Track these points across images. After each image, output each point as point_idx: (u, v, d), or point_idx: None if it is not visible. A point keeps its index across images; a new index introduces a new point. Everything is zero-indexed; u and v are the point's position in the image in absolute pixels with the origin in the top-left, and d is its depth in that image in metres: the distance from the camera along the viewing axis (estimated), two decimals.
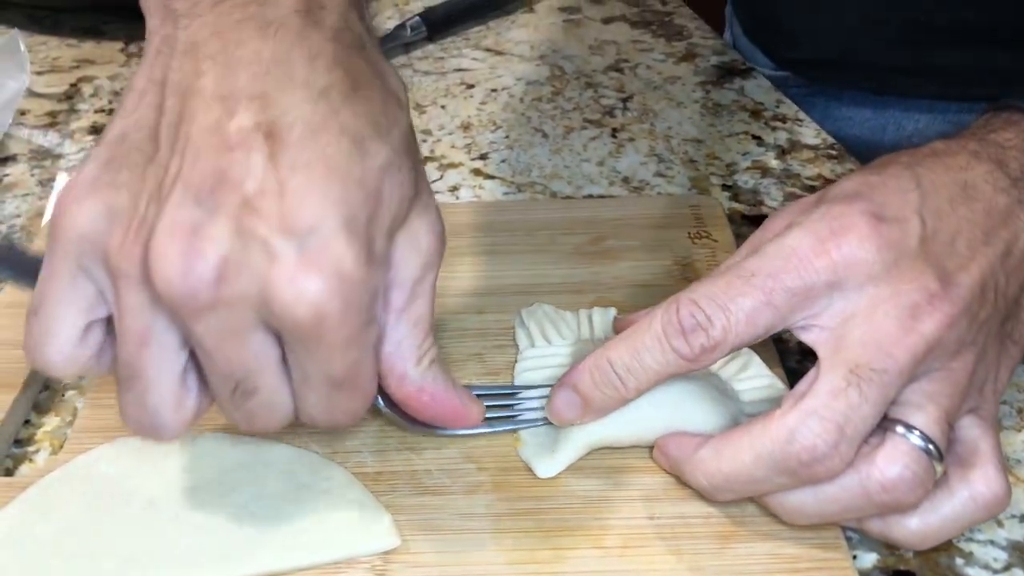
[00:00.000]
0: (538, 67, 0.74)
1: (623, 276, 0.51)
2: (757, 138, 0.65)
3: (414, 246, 0.34)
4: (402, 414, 0.38)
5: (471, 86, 0.72)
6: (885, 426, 0.35)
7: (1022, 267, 0.38)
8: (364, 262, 0.30)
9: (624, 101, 0.70)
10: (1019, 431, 0.44)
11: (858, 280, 0.35)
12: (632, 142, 0.65)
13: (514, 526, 0.38)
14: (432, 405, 0.36)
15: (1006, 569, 0.38)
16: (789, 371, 0.45)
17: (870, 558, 0.38)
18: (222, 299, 0.29)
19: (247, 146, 0.29)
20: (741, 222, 0.57)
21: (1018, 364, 0.39)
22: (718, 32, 0.80)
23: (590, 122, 0.67)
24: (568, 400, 0.39)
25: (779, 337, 0.45)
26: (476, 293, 0.50)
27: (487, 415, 0.40)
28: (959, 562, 0.38)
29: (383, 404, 0.38)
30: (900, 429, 0.35)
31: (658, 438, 0.40)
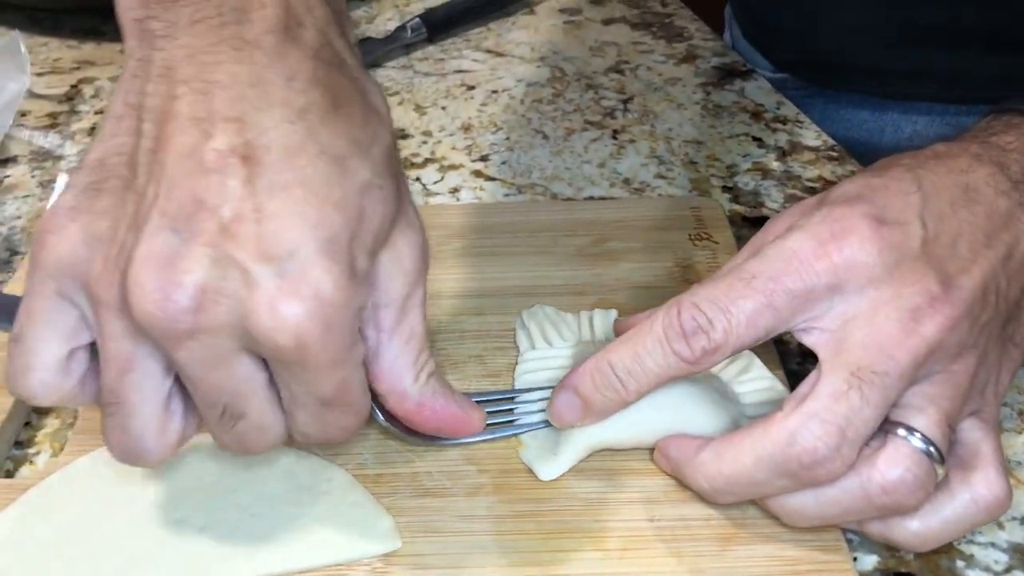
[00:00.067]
0: (539, 68, 0.74)
1: (624, 278, 0.51)
2: (758, 140, 0.65)
3: (398, 264, 0.34)
4: (402, 426, 0.38)
5: (471, 87, 0.72)
6: (886, 428, 0.35)
7: (1023, 270, 0.38)
8: (344, 284, 0.30)
9: (625, 103, 0.70)
10: (1020, 433, 0.44)
11: (859, 283, 0.35)
12: (633, 144, 0.65)
13: (515, 528, 0.38)
14: (433, 418, 0.37)
15: (1007, 571, 0.38)
16: (790, 373, 0.45)
17: (871, 560, 0.38)
18: (201, 328, 0.29)
19: (223, 170, 0.29)
20: (742, 224, 0.57)
21: (1019, 367, 0.39)
22: (718, 34, 0.80)
23: (591, 124, 0.67)
24: (569, 402, 0.39)
25: (780, 339, 0.45)
26: (477, 295, 0.50)
27: (488, 421, 0.40)
28: (960, 564, 0.38)
29: (382, 418, 0.37)
30: (901, 431, 0.35)
31: (659, 440, 0.40)
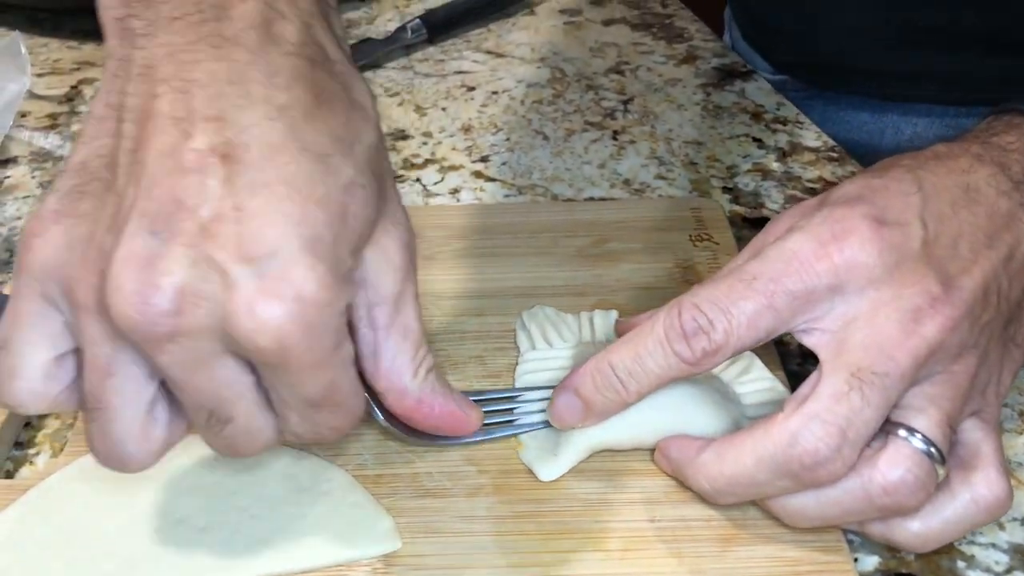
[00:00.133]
0: (539, 69, 0.74)
1: (624, 278, 0.51)
2: (758, 140, 0.65)
3: (386, 261, 0.33)
4: (401, 426, 0.38)
5: (472, 88, 0.72)
6: (887, 429, 0.35)
7: None
8: (328, 284, 0.29)
9: (625, 103, 0.70)
10: (1020, 434, 0.44)
11: (859, 284, 0.35)
12: (633, 144, 0.65)
13: (515, 529, 0.38)
14: (432, 416, 0.36)
15: (1008, 572, 0.38)
16: (790, 374, 0.45)
17: (871, 561, 0.38)
18: (182, 331, 0.29)
19: (203, 170, 0.29)
20: (742, 224, 0.57)
21: (1021, 367, 0.39)
22: (718, 35, 0.80)
23: (591, 124, 0.67)
24: (569, 403, 0.39)
25: (780, 340, 0.45)
26: (477, 295, 0.50)
27: (486, 421, 0.40)
28: (960, 565, 0.38)
29: (382, 418, 0.37)
30: (902, 432, 0.35)
31: (659, 441, 0.40)
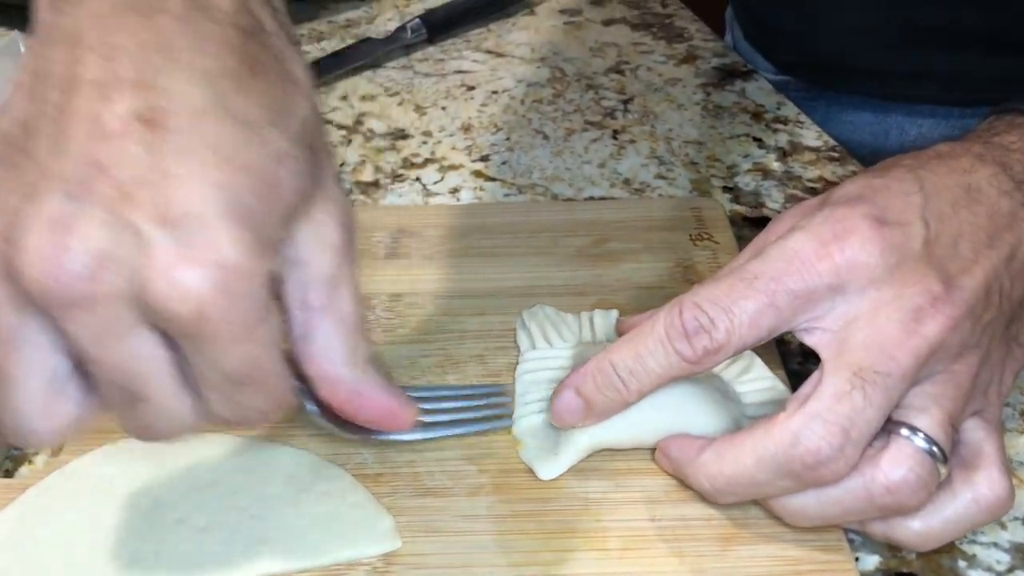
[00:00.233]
0: (539, 69, 0.74)
1: (625, 278, 0.51)
2: (758, 140, 0.65)
3: (321, 239, 0.32)
4: (333, 418, 0.36)
5: (471, 88, 0.72)
6: (889, 429, 0.35)
7: None
8: (252, 251, 0.28)
9: (625, 103, 0.69)
10: (1022, 433, 0.44)
11: (860, 283, 0.35)
12: (633, 144, 0.65)
13: (515, 528, 0.38)
14: (367, 407, 0.34)
15: (1009, 571, 0.38)
16: (791, 373, 0.45)
17: (872, 560, 0.38)
18: (94, 296, 0.27)
19: (125, 134, 0.28)
20: (742, 224, 0.57)
21: (1023, 367, 0.39)
22: (718, 35, 0.80)
23: (591, 124, 0.67)
24: (570, 403, 0.39)
25: (781, 339, 0.45)
26: (477, 295, 0.50)
27: (432, 419, 0.40)
28: (962, 564, 0.38)
29: (314, 409, 0.35)
30: (904, 431, 0.35)
31: (660, 441, 0.40)
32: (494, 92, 0.71)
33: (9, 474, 0.42)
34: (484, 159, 0.63)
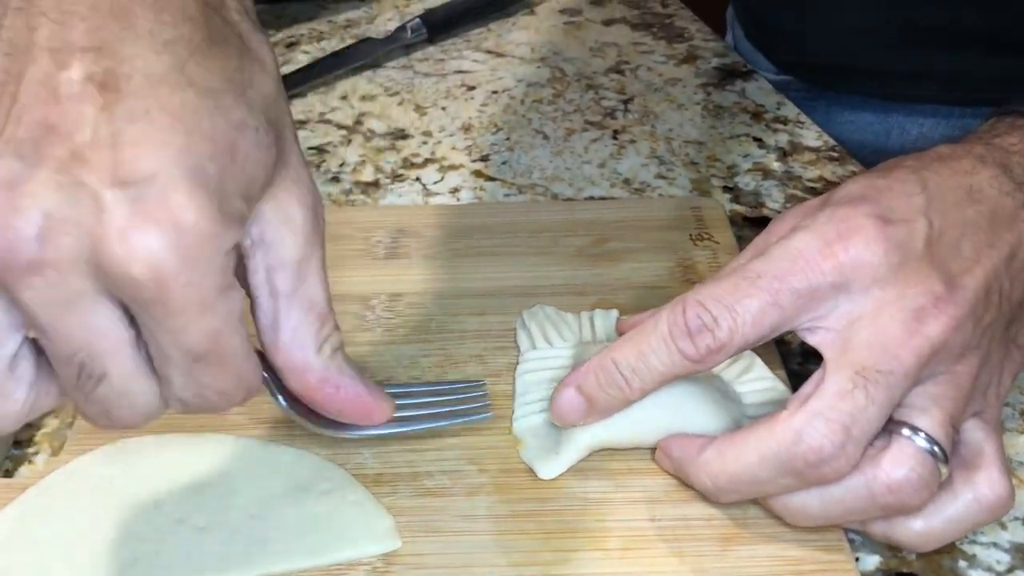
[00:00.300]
0: (539, 69, 0.74)
1: (625, 278, 0.51)
2: (758, 140, 0.65)
3: (287, 222, 0.31)
4: (304, 410, 0.34)
5: (472, 88, 0.72)
6: (890, 428, 0.35)
7: None
8: (211, 215, 0.27)
9: (625, 103, 0.69)
10: (1022, 433, 0.44)
11: (864, 283, 0.35)
12: (633, 144, 0.64)
13: (515, 528, 0.38)
14: (338, 397, 0.33)
15: (1009, 571, 0.38)
16: (791, 373, 0.45)
17: (873, 560, 0.38)
18: (47, 260, 0.26)
19: (79, 97, 0.27)
20: (742, 224, 0.57)
21: (1021, 369, 0.39)
22: (719, 35, 0.80)
23: (591, 124, 0.67)
24: (572, 400, 0.39)
25: (781, 339, 0.45)
26: (477, 294, 0.50)
27: (405, 413, 0.38)
28: (962, 564, 0.38)
29: (283, 402, 0.34)
30: (906, 431, 0.35)
31: (660, 440, 0.40)
32: (494, 92, 0.71)
33: (9, 474, 0.42)
34: (484, 159, 0.63)
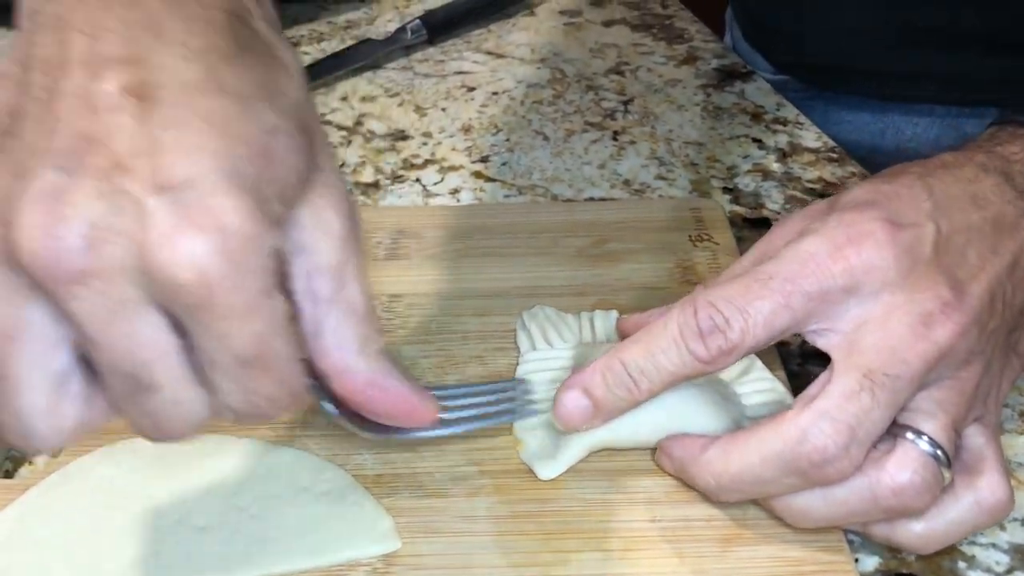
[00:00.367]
0: (539, 70, 0.74)
1: (625, 279, 0.51)
2: (758, 141, 0.65)
3: (323, 227, 0.31)
4: (352, 415, 0.34)
5: (472, 89, 0.72)
6: (894, 432, 0.35)
7: None
8: (252, 216, 0.27)
9: (625, 104, 0.70)
10: (1021, 434, 0.44)
11: (874, 286, 0.36)
12: (633, 145, 0.65)
13: (515, 529, 0.38)
14: (383, 399, 0.33)
15: (1008, 572, 0.38)
16: (791, 374, 0.45)
17: (872, 561, 0.38)
18: (94, 269, 0.26)
19: (116, 108, 0.27)
20: (742, 225, 0.57)
21: (1020, 375, 0.40)
22: (718, 35, 0.80)
23: (591, 125, 0.67)
24: (577, 402, 0.39)
25: (781, 340, 0.45)
26: (478, 295, 0.50)
27: (449, 415, 0.38)
28: (961, 565, 0.38)
29: (331, 408, 0.34)
30: (910, 435, 0.35)
31: (661, 440, 0.40)
32: (494, 93, 0.71)
33: (9, 475, 0.42)
34: (484, 160, 0.63)
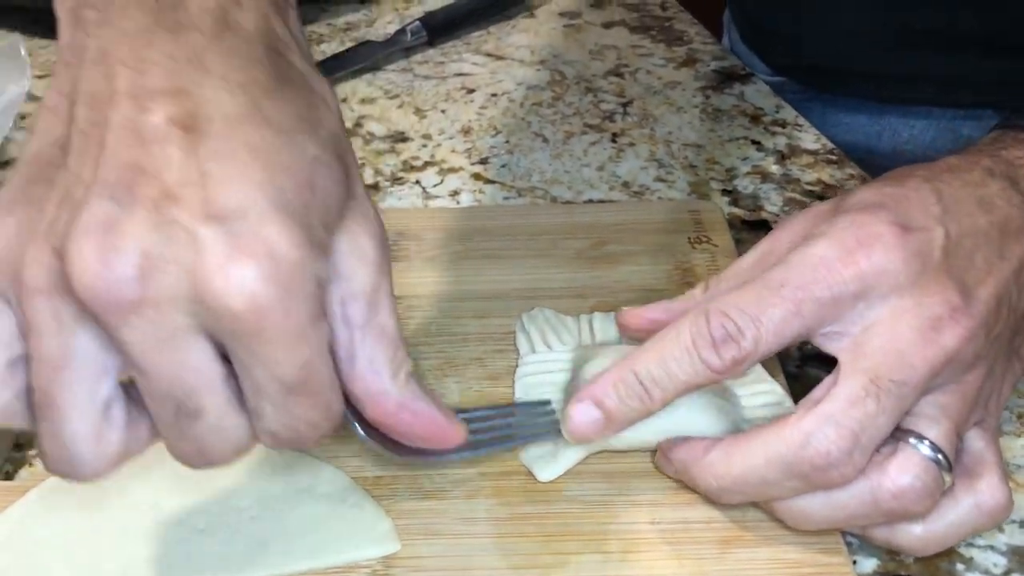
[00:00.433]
0: (538, 72, 0.74)
1: (624, 281, 0.51)
2: (757, 143, 0.65)
3: (358, 253, 0.32)
4: (382, 438, 0.35)
5: (471, 91, 0.72)
6: (897, 436, 0.36)
7: None
8: (302, 244, 0.28)
9: (624, 106, 0.70)
10: (1019, 436, 0.44)
11: (883, 290, 0.36)
12: (632, 147, 0.65)
13: (515, 530, 0.38)
14: (415, 423, 0.34)
15: (1006, 574, 0.38)
16: (789, 376, 0.45)
17: (870, 563, 0.38)
18: (148, 298, 0.27)
19: (164, 140, 0.28)
20: (741, 227, 0.57)
21: (1020, 378, 0.40)
22: (717, 37, 0.80)
23: (590, 127, 0.67)
24: (589, 415, 0.38)
25: None
26: (477, 297, 0.50)
27: (477, 437, 0.38)
28: (960, 567, 0.38)
29: (362, 431, 0.34)
30: (912, 440, 0.35)
31: (662, 443, 0.40)
32: (494, 95, 0.71)
33: (10, 476, 0.42)
34: (483, 162, 0.63)
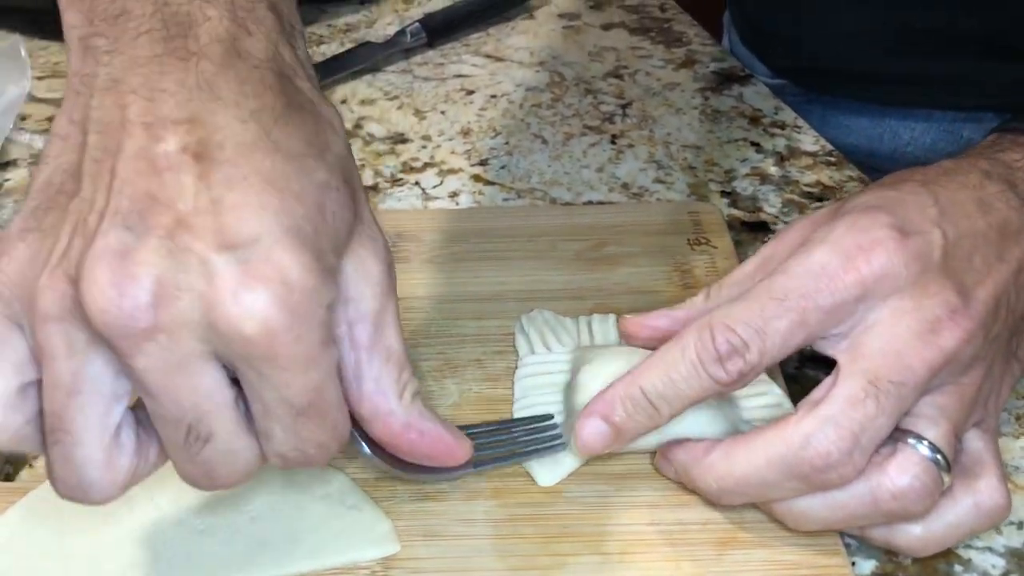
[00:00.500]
0: (538, 73, 0.74)
1: (623, 282, 0.51)
2: (756, 145, 0.65)
3: (365, 275, 0.32)
4: (388, 457, 0.36)
5: (471, 92, 0.72)
6: (896, 436, 0.36)
7: None
8: (313, 270, 0.28)
9: (623, 107, 0.70)
10: (1018, 438, 0.44)
11: (883, 292, 0.36)
12: (631, 148, 0.65)
13: (514, 532, 0.39)
14: (420, 442, 0.34)
15: None
16: (788, 377, 0.45)
17: (868, 564, 0.38)
18: (161, 325, 0.27)
19: (176, 168, 0.28)
20: (740, 228, 0.57)
21: (1019, 379, 0.40)
22: (716, 39, 0.81)
23: (589, 128, 0.67)
24: (598, 431, 0.38)
25: None
26: (476, 299, 0.50)
27: (480, 452, 0.39)
28: (958, 569, 0.38)
29: (368, 450, 0.35)
30: (911, 440, 0.35)
31: (661, 445, 0.40)
32: (493, 96, 0.71)
33: (10, 477, 0.42)
34: (483, 163, 0.63)
